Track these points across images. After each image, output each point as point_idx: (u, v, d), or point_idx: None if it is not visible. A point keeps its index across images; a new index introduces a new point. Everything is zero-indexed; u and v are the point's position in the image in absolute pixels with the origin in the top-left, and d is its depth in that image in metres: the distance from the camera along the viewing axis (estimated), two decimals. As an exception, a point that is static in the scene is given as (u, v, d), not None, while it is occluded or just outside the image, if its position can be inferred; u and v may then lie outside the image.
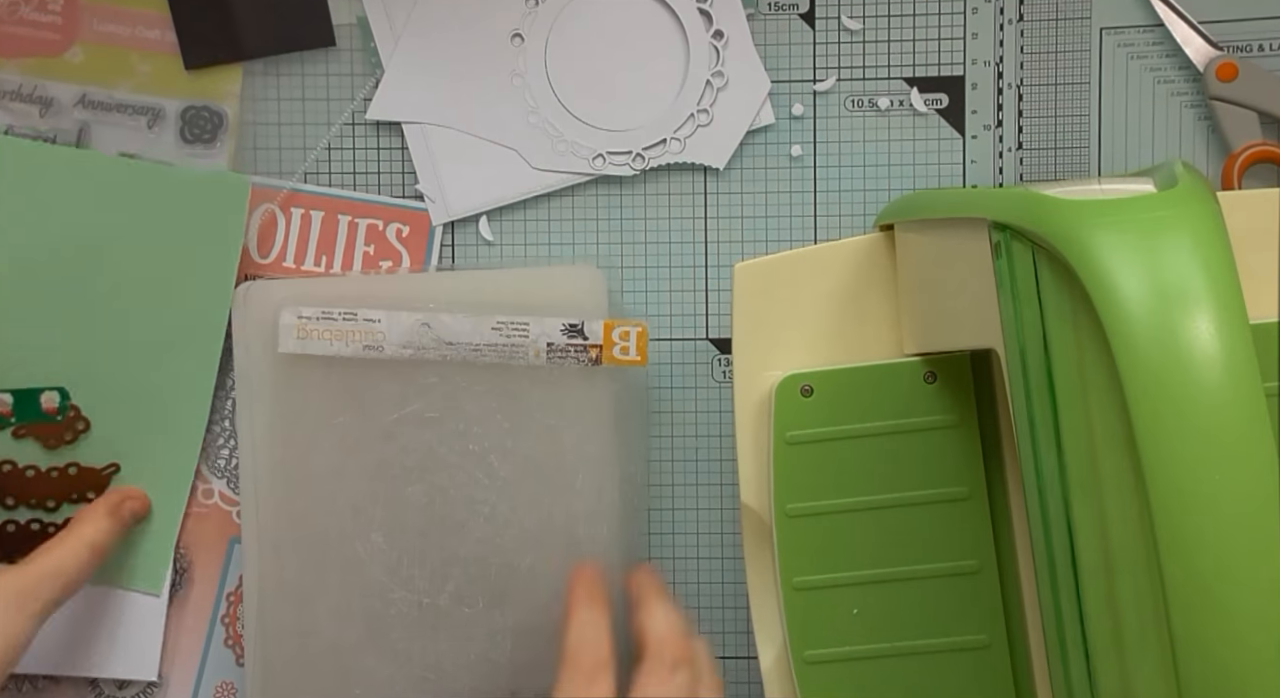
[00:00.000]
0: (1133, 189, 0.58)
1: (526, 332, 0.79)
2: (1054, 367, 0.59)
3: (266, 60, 0.83)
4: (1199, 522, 0.52)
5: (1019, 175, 0.81)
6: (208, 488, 0.83)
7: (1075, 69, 0.81)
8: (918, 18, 0.81)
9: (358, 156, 0.83)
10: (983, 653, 0.74)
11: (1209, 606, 0.52)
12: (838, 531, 0.74)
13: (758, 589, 0.76)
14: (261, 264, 0.83)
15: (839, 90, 0.82)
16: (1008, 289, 0.61)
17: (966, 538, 0.74)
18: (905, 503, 0.74)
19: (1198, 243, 0.55)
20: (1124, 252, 0.54)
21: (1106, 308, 0.54)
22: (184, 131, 0.83)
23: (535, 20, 0.82)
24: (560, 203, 0.83)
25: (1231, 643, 0.52)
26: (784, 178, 0.82)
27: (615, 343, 0.79)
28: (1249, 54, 0.80)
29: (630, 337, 0.79)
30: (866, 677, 0.74)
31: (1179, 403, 0.52)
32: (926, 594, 0.74)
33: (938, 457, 0.74)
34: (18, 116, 0.83)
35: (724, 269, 0.83)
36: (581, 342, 0.79)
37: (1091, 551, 0.58)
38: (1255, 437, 0.52)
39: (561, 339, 0.79)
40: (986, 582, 0.74)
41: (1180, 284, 0.53)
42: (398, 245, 0.83)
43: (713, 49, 0.82)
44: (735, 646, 0.83)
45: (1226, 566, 0.52)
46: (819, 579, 0.74)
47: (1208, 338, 0.53)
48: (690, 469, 0.83)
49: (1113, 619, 0.58)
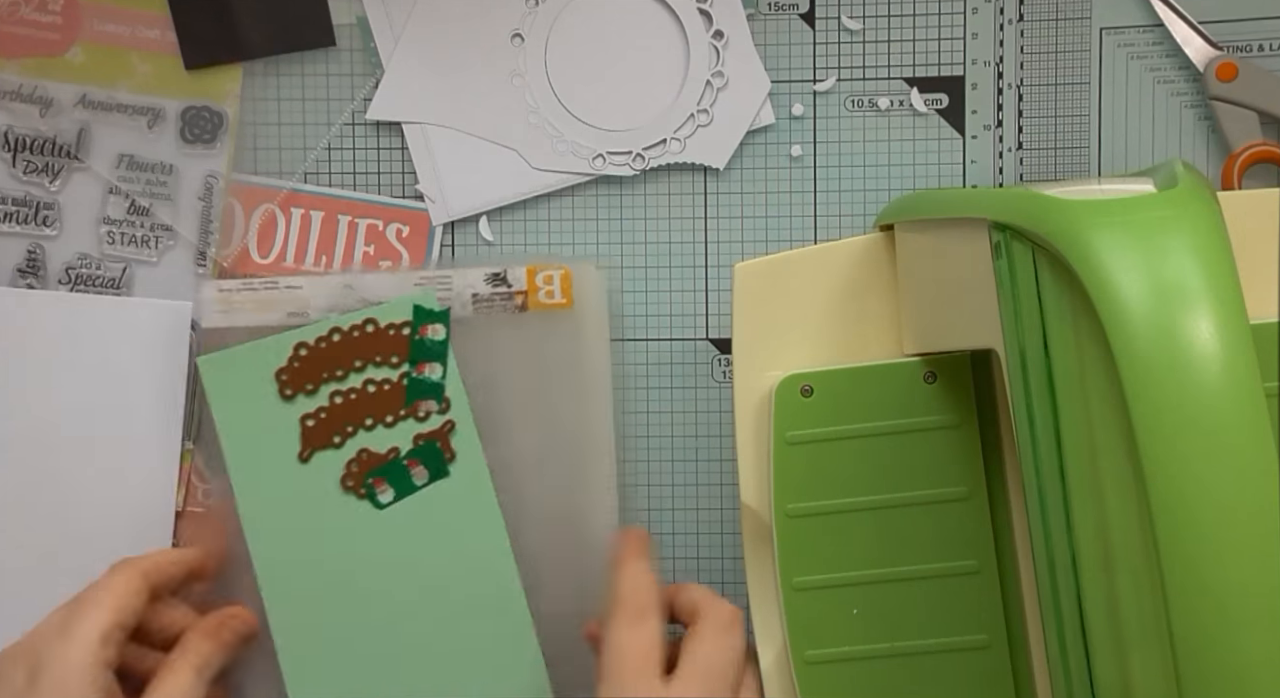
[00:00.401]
0: (1133, 189, 0.58)
1: (450, 285, 0.79)
2: (1054, 367, 0.59)
3: (266, 60, 0.83)
4: (1199, 522, 0.52)
5: (1019, 175, 0.81)
6: (208, 488, 0.83)
7: (1075, 69, 0.81)
8: (918, 18, 0.81)
9: (358, 156, 0.83)
10: (983, 653, 0.74)
11: (1209, 605, 0.52)
12: (838, 531, 0.74)
13: (758, 589, 0.76)
14: (261, 264, 0.83)
15: (839, 90, 0.82)
16: (1008, 289, 0.61)
17: (966, 538, 0.74)
18: (905, 503, 0.74)
19: (1198, 243, 0.55)
20: (1124, 251, 0.54)
21: (1106, 308, 0.54)
22: (184, 131, 0.83)
23: (535, 20, 0.82)
24: (560, 203, 0.83)
25: (1232, 643, 0.52)
26: (784, 178, 0.82)
27: (539, 287, 0.80)
28: (1249, 54, 0.80)
29: (555, 280, 0.79)
30: (867, 677, 0.74)
31: (1179, 403, 0.52)
32: (926, 594, 0.74)
33: (938, 457, 0.74)
34: (18, 117, 0.83)
35: (724, 269, 0.83)
36: (506, 289, 0.79)
37: (1091, 551, 0.58)
38: (1255, 436, 0.52)
39: (486, 289, 0.79)
40: (986, 582, 0.74)
41: (1180, 284, 0.53)
42: (398, 245, 0.83)
43: (713, 49, 0.82)
44: (735, 646, 0.83)
45: (1226, 565, 0.52)
46: (819, 579, 0.74)
47: (1208, 338, 0.53)
48: (690, 469, 0.83)
49: (1113, 619, 0.58)
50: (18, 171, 0.83)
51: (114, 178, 0.83)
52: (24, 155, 0.83)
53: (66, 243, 0.83)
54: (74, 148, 0.83)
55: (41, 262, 0.83)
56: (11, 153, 0.83)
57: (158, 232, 0.83)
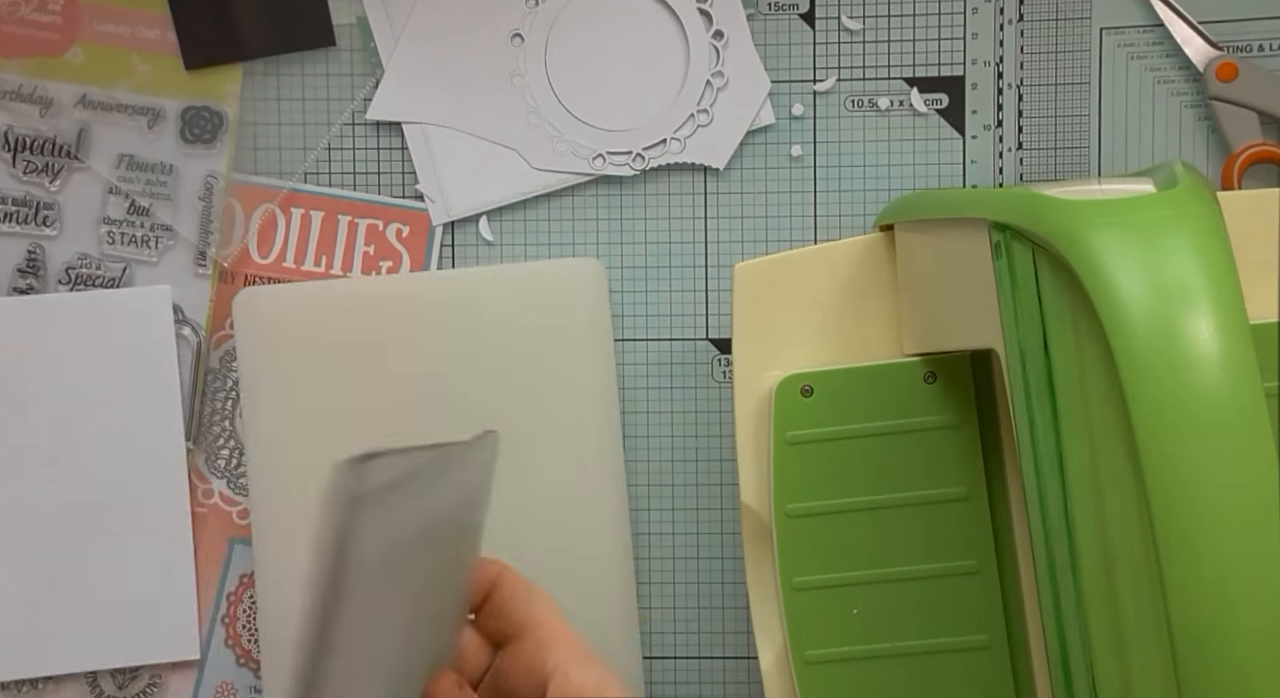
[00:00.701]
0: (1132, 189, 0.58)
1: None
2: (1054, 367, 0.59)
3: (266, 60, 0.83)
4: (1199, 521, 0.52)
5: (1019, 175, 0.81)
6: (208, 488, 0.83)
7: (1075, 69, 0.81)
8: (918, 18, 0.81)
9: (358, 156, 0.83)
10: (983, 653, 0.74)
11: (1209, 604, 0.52)
12: (838, 531, 0.74)
13: (758, 590, 0.76)
14: (261, 264, 0.83)
15: (839, 90, 0.82)
16: (1008, 289, 0.61)
17: (966, 538, 0.74)
18: (905, 503, 0.74)
19: (1197, 243, 0.55)
20: (1124, 251, 0.55)
21: (1106, 308, 0.54)
22: (184, 132, 0.83)
23: (535, 20, 0.82)
24: (560, 203, 0.83)
25: (1231, 642, 0.52)
26: (784, 178, 0.82)
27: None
28: (1249, 54, 0.80)
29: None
30: (867, 677, 0.74)
31: (1178, 402, 0.53)
32: (926, 594, 0.74)
33: (938, 457, 0.74)
34: (18, 117, 0.83)
35: (724, 269, 0.83)
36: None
37: (1091, 550, 0.58)
38: (1255, 436, 0.52)
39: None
40: (987, 582, 0.74)
41: (1180, 284, 0.54)
42: (398, 245, 0.83)
43: (713, 49, 0.82)
44: (735, 646, 0.83)
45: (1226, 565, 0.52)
46: (819, 579, 0.74)
47: (1207, 337, 0.53)
48: (690, 469, 0.83)
49: (1113, 619, 0.58)
50: (18, 171, 0.83)
51: (114, 178, 0.83)
52: (24, 155, 0.83)
53: (66, 243, 0.83)
54: (74, 148, 0.83)
55: (41, 262, 0.83)
56: (11, 153, 0.83)
57: (158, 232, 0.83)
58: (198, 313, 0.83)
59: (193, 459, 0.83)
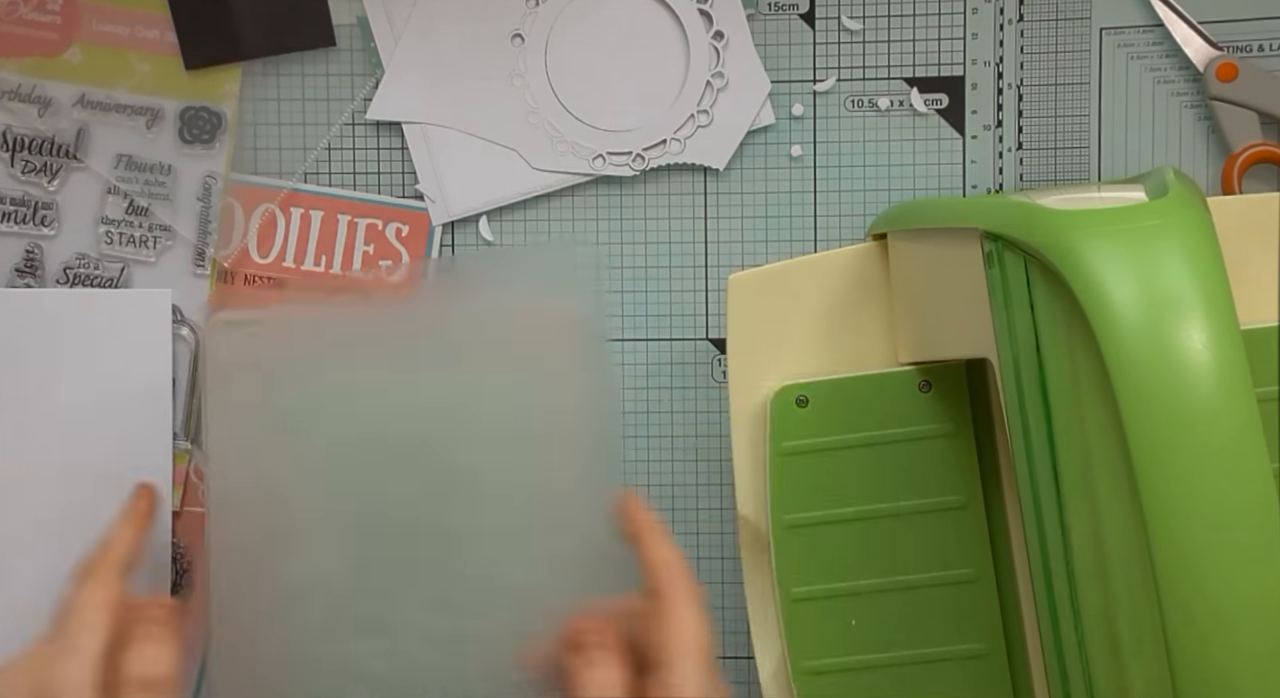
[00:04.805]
0: (1123, 198, 0.58)
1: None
2: (1047, 375, 0.59)
3: (266, 60, 0.83)
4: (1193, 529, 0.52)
5: (1019, 176, 0.81)
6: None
7: (1075, 69, 0.81)
8: (918, 18, 0.81)
9: (358, 157, 0.83)
10: (981, 662, 0.74)
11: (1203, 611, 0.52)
12: (835, 541, 0.74)
13: (756, 600, 0.76)
14: (261, 264, 0.83)
15: (839, 90, 0.82)
16: (1000, 299, 0.61)
17: (963, 547, 0.74)
18: (902, 513, 0.74)
19: (1188, 251, 0.55)
20: (1115, 261, 0.55)
21: (1098, 317, 0.54)
22: (183, 132, 0.83)
23: (535, 20, 0.82)
24: (560, 203, 0.83)
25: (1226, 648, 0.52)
26: (784, 178, 0.82)
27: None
28: (1249, 54, 0.80)
29: None
30: (866, 687, 0.74)
31: (1171, 410, 0.53)
32: (924, 604, 0.74)
33: (934, 466, 0.74)
34: (17, 116, 0.83)
35: (724, 269, 0.82)
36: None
37: (1087, 558, 0.58)
38: (1247, 443, 0.53)
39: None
40: (984, 591, 0.74)
41: (1171, 292, 0.54)
42: (398, 245, 0.83)
43: (713, 49, 0.82)
44: (735, 645, 0.83)
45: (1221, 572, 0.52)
46: (817, 590, 0.74)
47: (1199, 346, 0.53)
48: (690, 469, 0.83)
49: (1109, 627, 0.58)
50: (16, 171, 0.83)
51: (113, 178, 0.83)
52: (22, 155, 0.83)
53: (65, 243, 0.83)
54: (72, 148, 0.83)
55: (39, 261, 0.83)
56: (10, 152, 0.83)
57: (156, 232, 0.83)
58: (196, 313, 0.83)
59: (191, 459, 0.83)
